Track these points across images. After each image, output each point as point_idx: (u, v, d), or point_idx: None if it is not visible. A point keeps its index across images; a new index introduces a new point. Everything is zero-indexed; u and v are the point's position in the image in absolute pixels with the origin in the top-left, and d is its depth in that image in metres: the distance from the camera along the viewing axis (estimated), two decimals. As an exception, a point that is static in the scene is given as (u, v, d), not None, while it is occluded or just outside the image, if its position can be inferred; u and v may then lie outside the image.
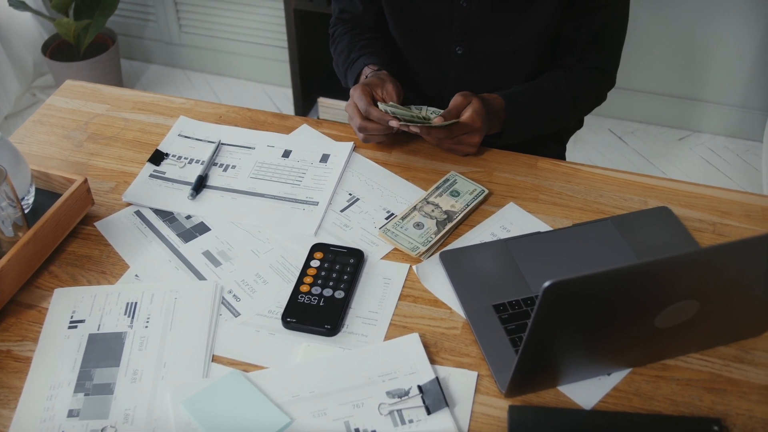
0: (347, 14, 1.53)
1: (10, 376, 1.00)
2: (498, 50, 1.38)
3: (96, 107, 1.45)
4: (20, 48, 2.93)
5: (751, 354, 1.02)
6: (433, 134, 1.25)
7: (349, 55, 1.47)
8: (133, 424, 0.93)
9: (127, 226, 1.21)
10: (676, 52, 2.67)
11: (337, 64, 1.52)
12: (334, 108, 2.75)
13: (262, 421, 0.92)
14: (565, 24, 1.36)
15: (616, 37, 1.41)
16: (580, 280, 0.78)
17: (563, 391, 0.98)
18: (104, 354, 1.01)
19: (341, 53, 1.49)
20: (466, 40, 1.38)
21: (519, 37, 1.36)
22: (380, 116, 1.25)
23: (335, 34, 1.55)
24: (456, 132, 1.26)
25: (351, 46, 1.47)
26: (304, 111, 2.83)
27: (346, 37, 1.50)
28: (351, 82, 1.46)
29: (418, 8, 1.39)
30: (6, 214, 1.08)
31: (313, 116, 2.80)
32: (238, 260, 1.15)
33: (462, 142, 1.28)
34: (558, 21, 1.35)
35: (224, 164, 1.32)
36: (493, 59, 1.40)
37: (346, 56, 1.47)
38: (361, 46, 1.46)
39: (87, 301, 1.08)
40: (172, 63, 3.22)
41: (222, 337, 1.04)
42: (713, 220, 1.21)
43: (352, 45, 1.48)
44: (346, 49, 1.48)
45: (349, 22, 1.54)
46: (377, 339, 1.04)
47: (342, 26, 1.54)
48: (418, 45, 1.45)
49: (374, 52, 1.45)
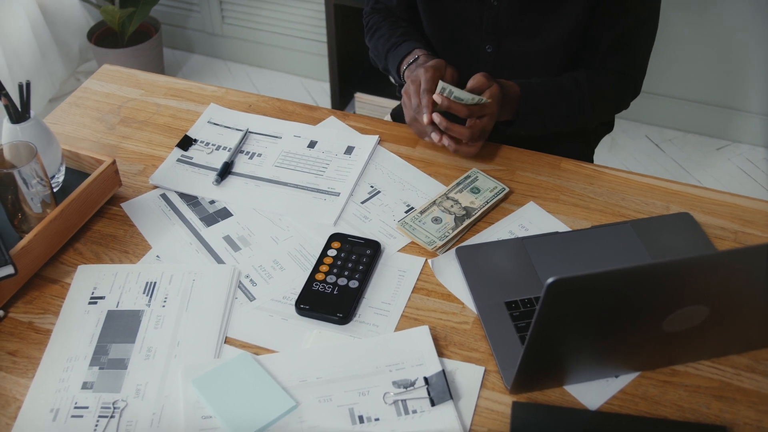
0: (382, 5, 1.54)
1: (31, 347, 1.03)
2: (527, 50, 1.38)
3: (130, 92, 1.49)
4: (66, 33, 3.00)
5: (764, 364, 1.01)
6: (453, 108, 1.22)
7: (390, 38, 1.46)
8: (143, 399, 0.96)
9: (152, 208, 1.23)
10: (715, 60, 2.63)
11: (377, 49, 1.50)
12: (370, 103, 2.77)
13: (269, 404, 0.94)
14: (591, 26, 1.35)
15: (641, 43, 1.39)
16: (584, 278, 0.78)
17: (569, 391, 0.98)
18: (121, 330, 1.04)
19: (381, 38, 1.48)
20: (495, 39, 1.39)
21: (547, 39, 1.36)
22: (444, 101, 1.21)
23: (371, 23, 1.55)
24: (476, 111, 1.23)
25: (391, 32, 1.47)
26: (341, 105, 2.85)
27: (384, 24, 1.50)
28: (393, 65, 1.44)
29: (450, 5, 1.39)
30: (35, 191, 1.11)
31: (349, 111, 2.82)
32: (257, 246, 1.17)
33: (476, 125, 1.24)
34: (585, 23, 1.34)
35: (250, 152, 1.34)
36: (522, 59, 1.40)
37: (386, 40, 1.46)
38: (402, 33, 1.46)
39: (108, 278, 1.11)
40: (214, 53, 3.26)
41: (236, 320, 1.06)
42: (735, 228, 1.20)
43: (392, 31, 1.47)
44: (386, 34, 1.47)
45: (384, 12, 1.54)
46: (388, 330, 1.05)
47: (378, 15, 1.54)
48: (449, 42, 1.45)
49: (417, 38, 1.44)
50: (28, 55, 2.78)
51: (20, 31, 2.74)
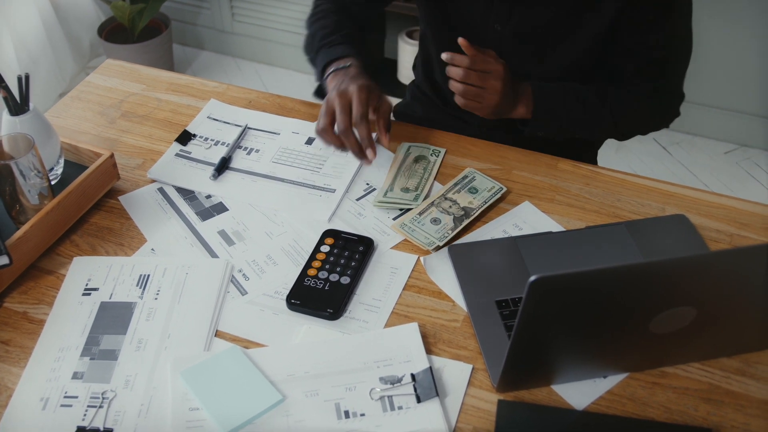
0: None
1: (24, 337, 1.04)
2: (533, 74, 1.36)
3: (132, 86, 1.50)
4: (78, 29, 3.02)
5: (754, 368, 1.01)
6: (457, 60, 1.22)
7: (330, 35, 1.38)
8: (132, 389, 0.97)
9: (149, 202, 1.24)
10: (724, 64, 2.62)
11: (313, 37, 1.42)
12: (377, 102, 2.77)
13: (256, 397, 0.94)
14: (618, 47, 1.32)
15: (673, 62, 1.35)
16: (568, 276, 0.78)
17: (557, 390, 0.98)
18: (113, 322, 1.05)
19: (322, 29, 1.40)
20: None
21: (552, 68, 1.34)
22: (366, 136, 1.18)
23: (320, 7, 1.47)
24: (478, 63, 1.22)
25: (334, 28, 1.39)
26: (349, 104, 2.86)
27: (331, 17, 1.43)
28: (321, 62, 1.35)
29: (456, 27, 1.37)
30: (33, 183, 1.13)
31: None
32: (252, 241, 1.18)
33: (485, 83, 1.23)
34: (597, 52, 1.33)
35: (248, 148, 1.35)
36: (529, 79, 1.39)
37: (326, 34, 1.38)
38: (346, 34, 1.39)
39: (103, 270, 1.12)
40: (223, 50, 3.28)
41: (227, 313, 1.07)
42: (731, 231, 1.19)
43: (336, 27, 1.40)
44: (329, 27, 1.40)
45: (339, 3, 1.46)
46: (378, 326, 1.05)
47: (330, 5, 1.46)
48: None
49: (357, 46, 1.37)
50: (38, 50, 2.80)
51: (31, 26, 2.76)
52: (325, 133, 1.21)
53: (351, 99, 1.19)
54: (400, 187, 1.26)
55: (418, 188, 1.25)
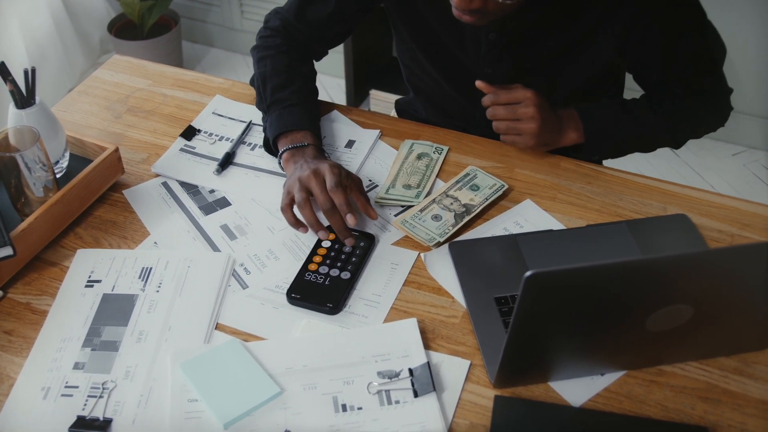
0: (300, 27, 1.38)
1: (27, 327, 1.05)
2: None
3: (138, 82, 1.51)
4: (88, 25, 3.04)
5: (752, 367, 1.01)
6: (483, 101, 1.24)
7: (284, 87, 1.32)
8: (132, 380, 0.98)
9: (153, 196, 1.25)
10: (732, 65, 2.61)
11: (263, 81, 1.33)
12: (385, 101, 2.78)
13: (254, 389, 0.95)
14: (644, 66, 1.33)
15: (709, 61, 1.35)
16: (564, 272, 0.79)
17: (553, 387, 0.98)
18: (115, 313, 1.06)
19: (274, 76, 1.33)
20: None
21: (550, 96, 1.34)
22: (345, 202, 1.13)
23: (270, 42, 1.38)
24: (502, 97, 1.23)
25: (288, 77, 1.33)
26: (356, 102, 2.86)
27: (285, 59, 1.35)
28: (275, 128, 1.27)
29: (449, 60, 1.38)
30: (38, 176, 1.14)
31: (364, 108, 2.83)
32: (253, 235, 1.18)
33: (520, 117, 1.24)
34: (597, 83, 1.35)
35: (252, 143, 1.36)
36: None
37: (280, 85, 1.32)
38: (300, 88, 1.33)
39: (106, 262, 1.13)
40: (233, 48, 3.29)
41: (228, 307, 1.08)
42: (732, 232, 1.19)
43: (290, 76, 1.33)
44: (283, 75, 1.33)
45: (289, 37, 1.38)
46: (377, 321, 1.06)
47: (281, 40, 1.37)
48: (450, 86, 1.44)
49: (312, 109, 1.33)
50: (49, 46, 2.82)
51: (41, 22, 2.78)
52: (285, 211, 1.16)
53: (324, 177, 1.15)
54: (402, 184, 1.26)
55: (420, 185, 1.26)
